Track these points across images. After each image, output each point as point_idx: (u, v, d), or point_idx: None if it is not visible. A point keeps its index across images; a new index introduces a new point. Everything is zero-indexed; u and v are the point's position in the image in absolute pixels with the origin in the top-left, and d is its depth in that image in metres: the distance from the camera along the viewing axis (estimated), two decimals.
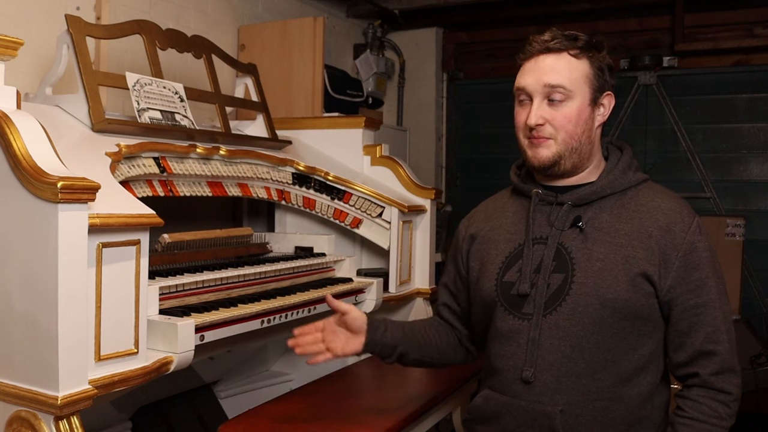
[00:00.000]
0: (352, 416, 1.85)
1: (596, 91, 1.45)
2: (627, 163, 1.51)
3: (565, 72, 1.43)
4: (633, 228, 1.42)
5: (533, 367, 1.41)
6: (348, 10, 4.26)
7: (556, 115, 1.43)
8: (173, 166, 2.04)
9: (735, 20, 3.89)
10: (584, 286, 1.40)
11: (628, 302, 1.38)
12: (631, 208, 1.45)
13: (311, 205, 2.60)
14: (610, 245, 1.41)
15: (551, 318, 1.41)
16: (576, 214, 1.46)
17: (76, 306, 1.37)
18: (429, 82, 4.58)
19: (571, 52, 1.43)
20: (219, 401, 2.60)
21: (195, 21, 3.10)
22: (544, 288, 1.43)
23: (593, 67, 1.44)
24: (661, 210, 1.43)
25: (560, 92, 1.42)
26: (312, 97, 3.21)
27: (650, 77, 4.12)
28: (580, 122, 1.44)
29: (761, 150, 3.94)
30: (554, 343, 1.41)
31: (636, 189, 1.48)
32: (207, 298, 1.90)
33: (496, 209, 1.63)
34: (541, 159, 1.46)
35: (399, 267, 2.60)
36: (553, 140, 1.44)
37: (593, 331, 1.39)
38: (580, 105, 1.43)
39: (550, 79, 1.42)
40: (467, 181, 4.65)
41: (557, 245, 1.45)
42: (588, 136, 1.45)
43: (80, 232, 1.37)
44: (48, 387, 1.36)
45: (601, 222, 1.44)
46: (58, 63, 1.96)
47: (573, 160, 1.46)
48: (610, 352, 1.39)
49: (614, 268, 1.39)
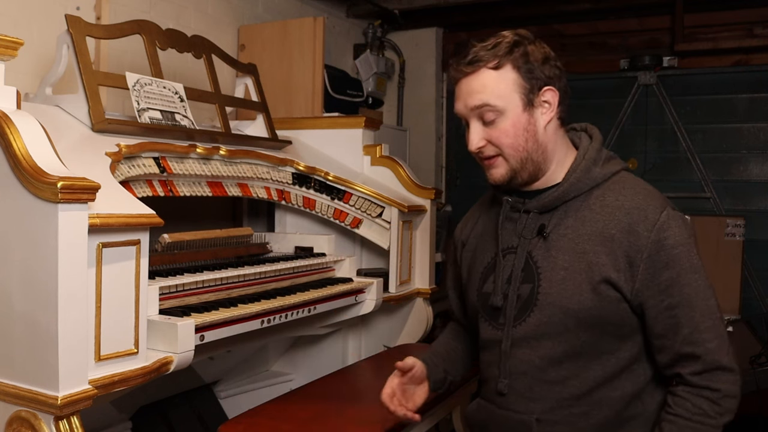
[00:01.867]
0: (352, 416, 1.85)
1: (528, 94, 1.37)
2: (592, 158, 1.42)
3: (487, 89, 1.37)
4: (596, 231, 1.36)
5: (507, 378, 1.42)
6: (348, 10, 4.26)
7: (492, 134, 1.39)
8: (173, 166, 2.04)
9: (735, 20, 3.89)
10: (549, 296, 1.37)
11: (592, 311, 1.34)
12: (596, 209, 1.38)
13: (311, 205, 2.60)
14: (574, 253, 1.37)
15: (520, 329, 1.40)
16: (541, 222, 1.42)
17: (76, 306, 1.37)
18: (429, 82, 4.58)
19: (490, 65, 1.37)
20: (219, 401, 2.60)
21: (195, 21, 3.10)
22: (513, 299, 1.42)
23: (518, 70, 1.37)
24: (624, 209, 1.36)
25: (489, 110, 1.37)
26: (312, 97, 3.21)
27: (650, 77, 4.11)
28: (519, 132, 1.38)
29: (761, 150, 3.94)
30: (525, 353, 1.40)
31: (603, 186, 1.41)
32: (207, 298, 1.90)
33: (481, 214, 1.62)
34: (496, 179, 1.43)
35: (399, 267, 2.60)
36: (501, 157, 1.40)
37: (560, 341, 1.37)
38: (513, 117, 1.37)
39: (474, 101, 1.39)
40: (467, 181, 4.65)
41: (525, 255, 1.42)
42: (534, 141, 1.39)
43: (80, 232, 1.37)
44: (48, 387, 1.36)
45: (565, 228, 1.40)
46: (58, 63, 1.96)
47: (529, 170, 1.41)
48: (580, 359, 1.37)
49: (577, 277, 1.35)
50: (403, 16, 4.29)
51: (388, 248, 2.59)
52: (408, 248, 2.67)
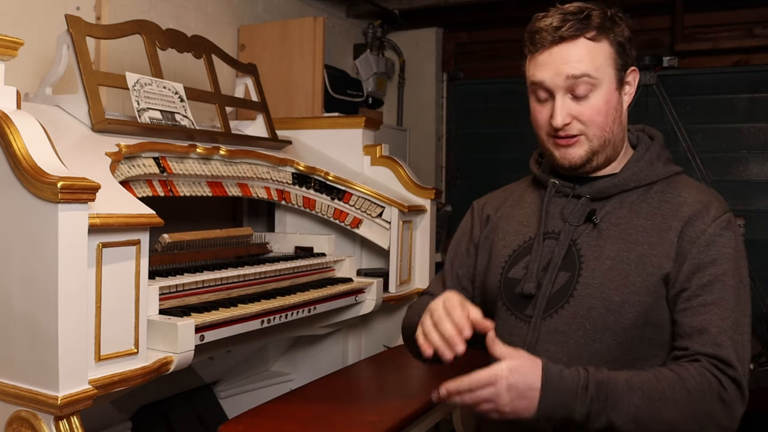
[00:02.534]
0: (352, 416, 1.85)
1: (620, 71, 1.30)
2: (656, 153, 1.36)
3: (586, 59, 1.26)
4: (653, 224, 1.27)
5: None
6: (348, 10, 4.26)
7: (583, 110, 1.28)
8: (173, 166, 2.04)
9: (735, 20, 3.89)
10: (589, 287, 1.25)
11: (636, 307, 1.22)
12: (654, 203, 1.30)
13: (311, 205, 2.60)
14: (625, 242, 1.26)
15: (550, 321, 1.28)
16: (592, 208, 1.32)
17: (76, 306, 1.37)
18: (429, 82, 4.58)
19: (588, 35, 1.27)
20: (219, 401, 2.60)
21: (195, 21, 3.10)
22: (548, 288, 1.29)
23: (614, 45, 1.29)
24: (687, 203, 1.28)
25: (586, 83, 1.27)
26: (312, 97, 3.21)
27: (650, 77, 4.11)
28: (610, 111, 1.29)
29: (761, 150, 3.94)
30: (551, 349, 1.26)
31: (664, 183, 1.33)
32: (207, 298, 1.90)
33: (512, 196, 1.50)
34: (573, 159, 1.31)
35: (399, 267, 2.60)
36: (584, 136, 1.30)
37: (595, 339, 1.24)
38: (607, 92, 1.28)
39: (573, 70, 1.26)
40: (467, 181, 4.65)
41: (569, 242, 1.31)
42: (619, 123, 1.32)
43: (80, 232, 1.37)
44: (48, 387, 1.36)
45: (619, 217, 1.30)
46: (58, 63, 1.96)
47: (606, 154, 1.32)
48: (613, 363, 1.22)
49: (625, 268, 1.24)
50: (403, 16, 4.29)
51: (388, 248, 2.59)
52: (408, 248, 2.67)
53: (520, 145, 4.41)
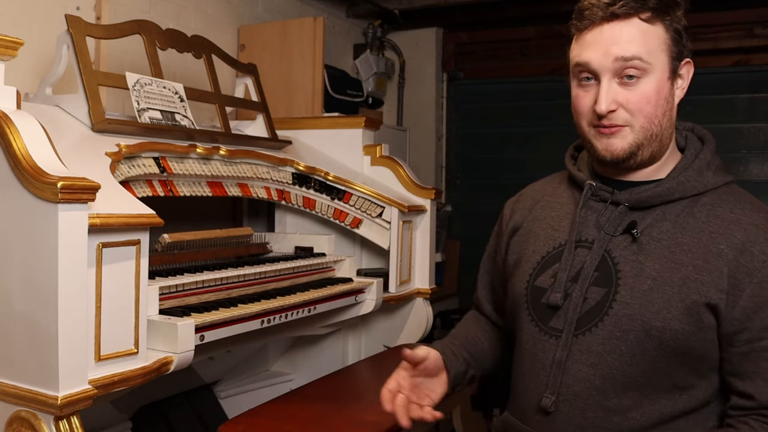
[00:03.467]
0: (352, 416, 1.85)
1: (675, 60, 1.19)
2: (706, 160, 1.23)
3: (638, 40, 1.16)
4: (700, 243, 1.16)
5: (555, 395, 1.20)
6: (348, 10, 4.26)
7: (631, 97, 1.17)
8: (173, 166, 2.04)
9: (735, 20, 3.89)
10: (628, 307, 1.16)
11: (679, 334, 1.13)
12: (701, 218, 1.18)
13: (311, 205, 2.60)
14: (668, 261, 1.16)
15: (583, 339, 1.18)
16: (632, 219, 1.21)
17: (76, 306, 1.37)
18: (429, 82, 4.58)
19: (642, 15, 1.16)
20: (219, 401, 2.60)
21: (195, 21, 3.10)
22: (579, 301, 1.20)
23: (670, 31, 1.18)
24: (740, 224, 1.16)
25: (637, 66, 1.16)
26: (312, 97, 3.21)
27: None
28: (660, 101, 1.18)
29: (761, 150, 3.94)
30: (582, 370, 1.18)
31: (713, 194, 1.21)
32: (207, 298, 1.90)
33: (544, 195, 1.40)
34: (615, 151, 1.20)
35: (399, 267, 2.60)
36: (629, 127, 1.19)
37: (631, 363, 1.15)
38: (659, 80, 1.18)
39: (623, 51, 1.16)
40: (467, 181, 4.64)
41: (603, 253, 1.21)
42: (669, 117, 1.21)
43: (80, 232, 1.37)
44: (48, 387, 1.36)
45: (661, 232, 1.19)
46: (58, 63, 1.96)
47: (652, 149, 1.21)
48: (649, 388, 1.15)
49: (668, 291, 1.14)
50: (403, 16, 4.29)
51: (388, 248, 2.59)
52: (408, 248, 2.67)
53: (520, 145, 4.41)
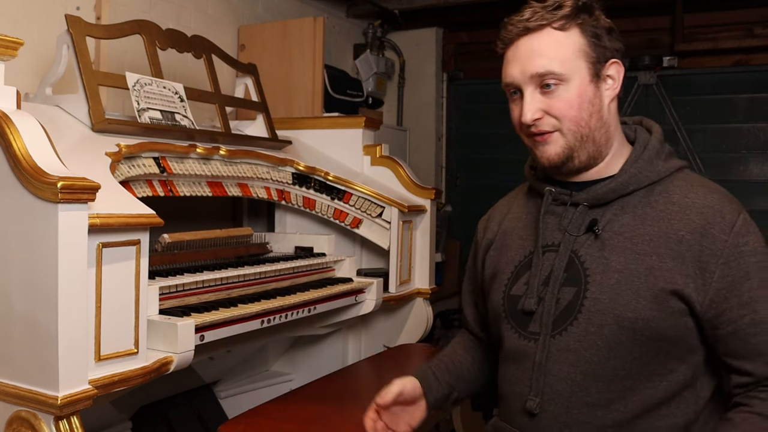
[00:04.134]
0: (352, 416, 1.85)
1: (596, 63, 1.23)
2: (655, 149, 1.28)
3: (551, 53, 1.21)
4: (660, 232, 1.20)
5: (539, 396, 1.23)
6: (348, 10, 4.26)
7: (553, 104, 1.22)
8: (173, 166, 2.04)
9: (735, 20, 3.88)
10: (598, 303, 1.20)
11: (650, 322, 1.17)
12: (659, 207, 1.22)
13: (311, 205, 2.60)
14: (632, 253, 1.20)
15: (560, 339, 1.22)
16: (592, 217, 1.25)
17: (76, 306, 1.37)
18: (429, 82, 4.58)
19: (555, 25, 1.21)
20: (219, 401, 2.60)
21: (195, 21, 3.10)
22: (552, 303, 1.23)
23: (586, 35, 1.22)
24: (696, 208, 1.20)
25: (552, 78, 1.21)
26: (312, 97, 3.21)
27: (650, 77, 4.11)
28: (584, 104, 1.22)
29: (761, 150, 3.94)
30: (563, 369, 1.22)
31: (667, 181, 1.26)
32: (207, 298, 1.90)
33: (511, 209, 1.45)
34: (550, 157, 1.25)
35: (399, 267, 2.60)
36: (558, 132, 1.24)
37: (609, 356, 1.19)
38: (579, 85, 1.22)
39: (536, 68, 1.21)
40: (467, 181, 4.64)
41: (570, 254, 1.25)
42: (598, 118, 1.24)
43: (80, 232, 1.37)
44: (48, 387, 1.36)
45: (622, 225, 1.23)
46: (58, 63, 1.96)
47: (588, 150, 1.25)
48: (629, 379, 1.19)
49: (635, 281, 1.18)
50: (403, 16, 4.29)
51: (388, 248, 2.59)
52: (408, 248, 2.67)
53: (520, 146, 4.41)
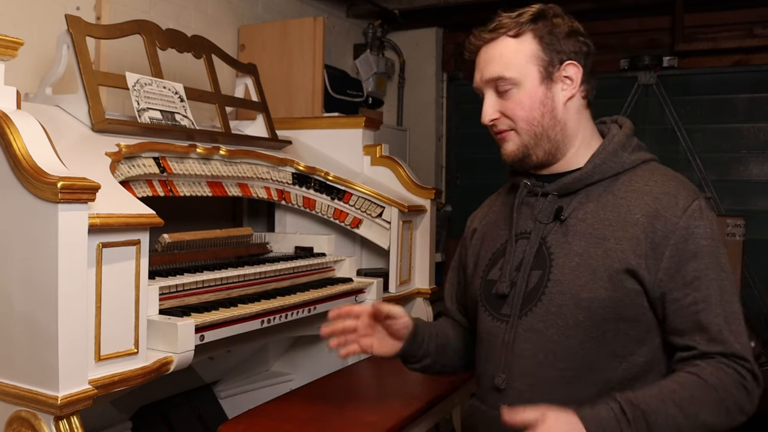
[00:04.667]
0: (352, 416, 1.85)
1: (548, 66, 1.30)
2: (620, 142, 1.34)
3: (502, 60, 1.31)
4: (618, 217, 1.26)
5: (505, 373, 1.30)
6: (348, 10, 4.26)
7: (507, 105, 1.32)
8: (173, 166, 2.04)
9: (735, 20, 3.89)
10: (559, 284, 1.27)
11: (606, 302, 1.23)
12: (620, 194, 1.29)
13: (311, 205, 2.60)
14: (592, 238, 1.27)
15: (526, 320, 1.29)
16: (559, 205, 1.32)
17: (76, 306, 1.37)
18: (429, 82, 4.58)
19: (510, 33, 1.31)
20: (219, 401, 2.60)
21: (195, 21, 3.10)
22: (522, 287, 1.31)
23: (539, 39, 1.30)
24: (652, 194, 1.26)
25: (504, 83, 1.31)
26: (312, 97, 3.21)
27: (650, 77, 4.11)
28: (535, 105, 1.30)
29: (761, 150, 3.94)
30: (528, 348, 1.28)
31: (631, 172, 1.32)
32: (207, 298, 1.90)
33: (494, 203, 1.54)
34: (509, 154, 1.36)
35: (399, 267, 2.60)
36: (514, 131, 1.33)
37: (568, 335, 1.25)
38: (529, 88, 1.30)
39: (488, 74, 1.32)
40: (467, 181, 4.65)
41: (539, 240, 1.32)
42: (551, 117, 1.31)
43: (80, 232, 1.37)
44: (48, 387, 1.36)
45: (585, 212, 1.30)
46: (58, 63, 1.96)
47: (544, 147, 1.33)
48: (589, 358, 1.24)
49: (592, 264, 1.25)
50: (403, 16, 4.29)
51: (388, 248, 2.59)
52: (408, 248, 2.67)
53: None
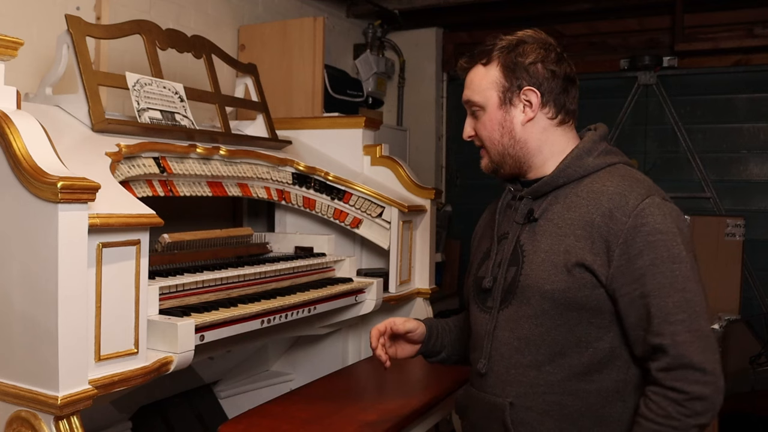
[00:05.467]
0: (352, 416, 1.85)
1: (506, 92, 1.45)
2: (585, 148, 1.44)
3: (473, 85, 1.48)
4: (578, 216, 1.37)
5: (487, 359, 1.46)
6: (348, 10, 4.26)
7: (477, 125, 1.50)
8: (173, 166, 2.04)
9: (735, 20, 3.89)
10: (528, 278, 1.40)
11: (566, 293, 1.35)
12: (582, 195, 1.39)
13: (311, 205, 2.60)
14: (556, 236, 1.39)
15: (506, 311, 1.44)
16: (531, 207, 1.46)
17: (76, 306, 1.37)
18: (429, 82, 4.58)
19: (482, 61, 1.47)
20: (219, 401, 2.60)
21: (195, 21, 3.10)
22: (501, 282, 1.46)
23: (501, 68, 1.45)
24: (607, 194, 1.36)
25: (473, 105, 1.48)
26: (312, 97, 3.21)
27: (650, 77, 4.12)
28: (495, 127, 1.46)
29: (761, 150, 3.94)
30: (506, 335, 1.43)
31: (595, 175, 1.42)
32: (207, 298, 1.90)
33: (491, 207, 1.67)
34: (483, 167, 1.54)
35: (399, 267, 2.60)
36: (486, 149, 1.51)
37: (537, 324, 1.39)
38: (490, 111, 1.46)
39: (464, 97, 1.50)
40: (467, 181, 4.65)
41: (515, 239, 1.46)
42: (510, 137, 1.46)
43: (80, 232, 1.37)
44: (48, 387, 1.36)
45: (553, 213, 1.42)
46: (58, 63, 1.96)
47: (509, 163, 1.48)
48: (557, 344, 1.37)
49: (555, 259, 1.37)
50: (403, 16, 4.29)
51: (388, 248, 2.59)
52: (408, 248, 2.67)
53: None
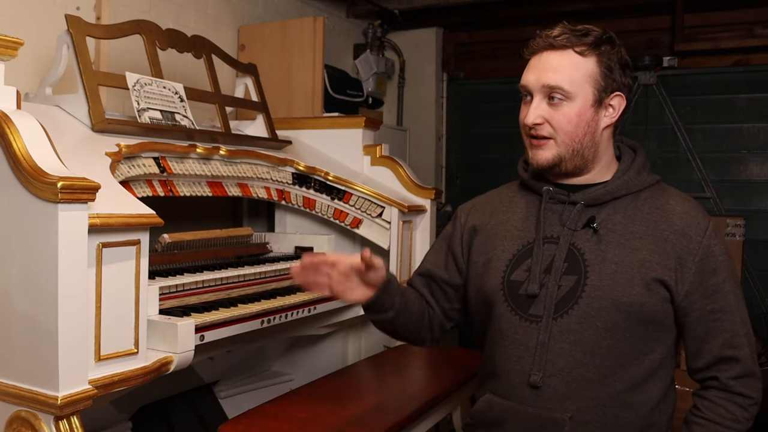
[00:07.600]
0: (352, 416, 1.85)
1: (601, 92, 1.39)
2: (641, 164, 1.48)
3: (566, 72, 1.37)
4: (648, 231, 1.39)
5: (542, 372, 1.37)
6: (348, 10, 4.26)
7: (554, 115, 1.39)
8: (173, 166, 2.04)
9: (735, 20, 3.89)
10: (598, 289, 1.36)
11: (643, 306, 1.35)
12: (645, 210, 1.42)
13: (311, 205, 2.60)
14: (625, 248, 1.38)
15: (562, 321, 1.37)
16: (590, 215, 1.42)
17: (76, 306, 1.37)
18: (429, 82, 4.58)
19: (577, 49, 1.38)
20: (219, 401, 2.60)
21: (195, 21, 3.10)
22: (555, 289, 1.39)
23: (601, 65, 1.38)
24: (677, 213, 1.41)
25: (559, 93, 1.38)
26: (312, 97, 3.21)
27: (650, 77, 4.11)
28: (581, 124, 1.39)
29: (761, 150, 3.94)
30: (564, 348, 1.37)
31: (650, 190, 1.46)
32: (207, 298, 1.90)
33: (502, 203, 1.58)
34: (540, 161, 1.42)
35: (399, 267, 2.60)
36: (553, 140, 1.40)
37: (606, 336, 1.36)
38: (581, 106, 1.38)
39: (548, 80, 1.38)
40: (467, 181, 4.65)
41: (569, 246, 1.41)
42: (591, 138, 1.41)
43: (80, 232, 1.37)
44: (48, 387, 1.36)
45: (614, 224, 1.41)
46: (58, 63, 1.96)
47: (575, 162, 1.42)
48: (621, 356, 1.36)
49: (629, 271, 1.36)
50: (403, 16, 4.29)
51: (388, 248, 2.59)
52: (408, 248, 2.67)
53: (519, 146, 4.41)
